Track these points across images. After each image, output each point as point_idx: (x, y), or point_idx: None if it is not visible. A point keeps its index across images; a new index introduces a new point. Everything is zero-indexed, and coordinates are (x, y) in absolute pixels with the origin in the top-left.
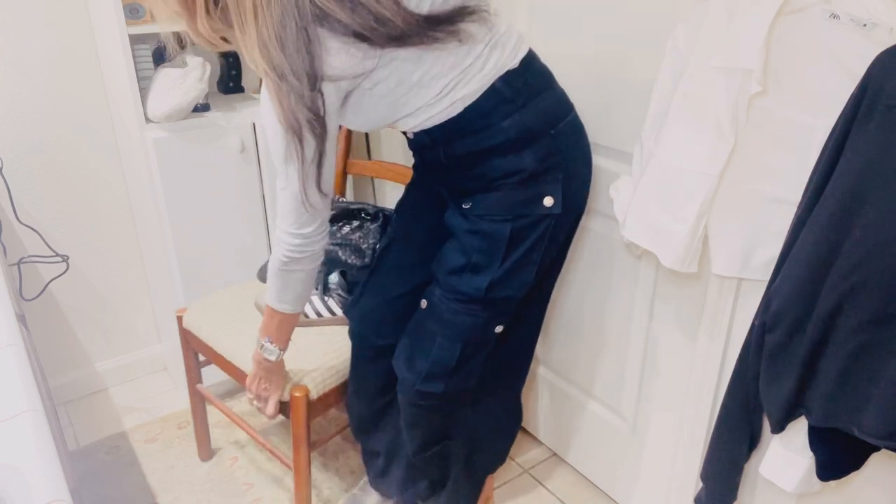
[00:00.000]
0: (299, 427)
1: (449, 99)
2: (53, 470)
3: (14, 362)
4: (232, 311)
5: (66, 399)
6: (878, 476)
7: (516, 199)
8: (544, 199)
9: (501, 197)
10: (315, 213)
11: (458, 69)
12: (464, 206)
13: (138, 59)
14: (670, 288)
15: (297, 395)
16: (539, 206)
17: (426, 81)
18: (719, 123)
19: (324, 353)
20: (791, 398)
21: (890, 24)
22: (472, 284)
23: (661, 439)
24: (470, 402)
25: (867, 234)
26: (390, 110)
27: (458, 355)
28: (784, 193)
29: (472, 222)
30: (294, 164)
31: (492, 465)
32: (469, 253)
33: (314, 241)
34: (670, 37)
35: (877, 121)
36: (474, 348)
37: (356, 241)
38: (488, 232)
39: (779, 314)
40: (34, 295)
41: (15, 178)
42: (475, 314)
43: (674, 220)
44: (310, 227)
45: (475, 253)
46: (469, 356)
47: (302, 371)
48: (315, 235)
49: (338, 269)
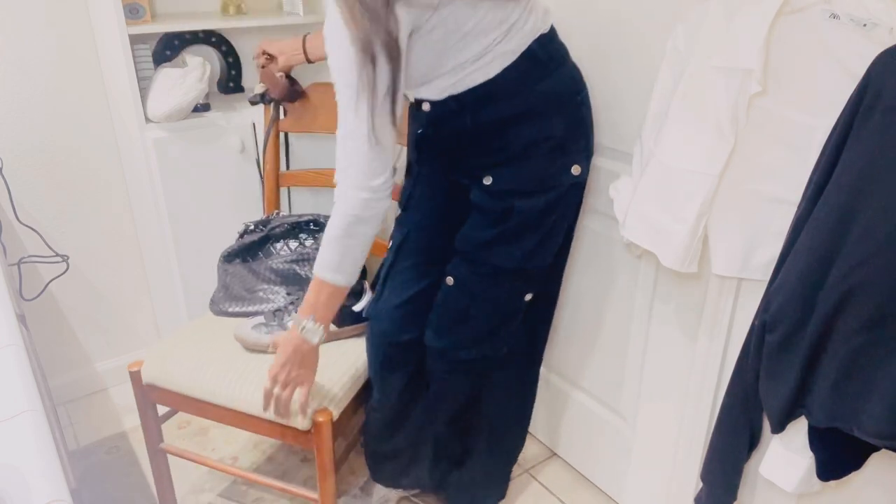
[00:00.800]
0: (326, 455)
1: (491, 56)
2: (53, 470)
3: (14, 362)
4: (202, 349)
5: (66, 399)
6: (878, 476)
7: (547, 169)
8: (572, 167)
9: (532, 168)
10: (384, 158)
11: (504, 25)
12: (485, 183)
13: (138, 59)
14: (670, 288)
15: (320, 420)
16: (568, 175)
17: (475, 34)
18: (719, 123)
19: (331, 372)
20: (791, 398)
21: (890, 24)
22: (505, 256)
23: (661, 439)
24: (497, 369)
25: (867, 234)
26: (437, 61)
27: (491, 325)
28: (784, 193)
29: (503, 200)
30: (365, 97)
31: (513, 445)
32: (498, 225)
33: (381, 196)
34: (670, 37)
35: (877, 121)
36: (506, 317)
37: (313, 253)
38: (523, 209)
39: (779, 314)
40: (34, 295)
41: (15, 178)
42: (507, 284)
43: (674, 220)
44: (379, 178)
45: (510, 227)
46: (501, 325)
47: (318, 394)
48: (382, 190)
49: (298, 285)
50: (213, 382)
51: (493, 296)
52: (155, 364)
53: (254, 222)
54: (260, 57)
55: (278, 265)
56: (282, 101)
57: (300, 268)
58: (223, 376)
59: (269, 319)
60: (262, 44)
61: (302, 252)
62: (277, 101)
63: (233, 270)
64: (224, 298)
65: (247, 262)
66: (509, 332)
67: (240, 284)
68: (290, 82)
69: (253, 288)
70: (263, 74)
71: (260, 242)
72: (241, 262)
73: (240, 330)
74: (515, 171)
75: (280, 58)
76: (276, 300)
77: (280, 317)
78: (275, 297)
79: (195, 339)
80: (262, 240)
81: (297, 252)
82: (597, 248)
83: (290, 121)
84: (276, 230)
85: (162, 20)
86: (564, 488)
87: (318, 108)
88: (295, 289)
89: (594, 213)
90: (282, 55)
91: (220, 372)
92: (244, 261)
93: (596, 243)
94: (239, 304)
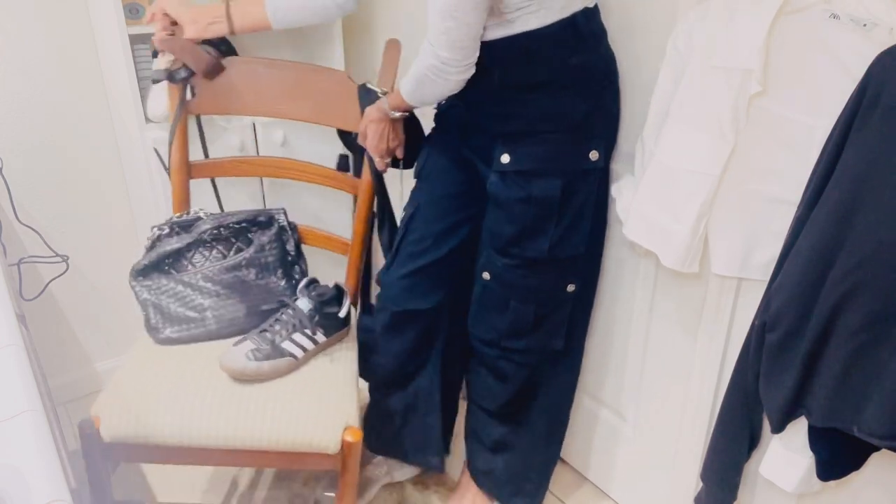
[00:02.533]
0: (352, 474)
1: (536, 5)
2: (53, 470)
3: (14, 362)
4: (175, 385)
5: (66, 399)
6: (878, 476)
7: (564, 150)
8: (590, 153)
9: (549, 149)
10: (464, 40)
11: None
12: (502, 162)
13: (138, 59)
14: (671, 288)
15: (350, 440)
16: (586, 161)
17: None
18: (719, 123)
19: (345, 388)
20: (791, 398)
21: (890, 24)
22: (533, 248)
23: (661, 439)
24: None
25: (867, 234)
26: None
27: (533, 315)
28: (784, 193)
29: (520, 186)
30: None
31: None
32: (520, 220)
33: (451, 71)
34: (670, 37)
35: (877, 121)
36: (549, 307)
37: (262, 259)
38: (539, 197)
39: (779, 314)
40: (34, 295)
41: (15, 178)
42: (543, 274)
43: (674, 219)
44: (448, 52)
45: (529, 219)
46: (546, 315)
47: (340, 412)
48: (452, 65)
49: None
50: (216, 424)
51: (531, 286)
52: (121, 417)
53: (169, 225)
54: (160, 22)
55: (217, 275)
56: (204, 76)
57: (245, 273)
58: (220, 413)
59: (261, 343)
60: (161, 4)
61: (244, 257)
62: (187, 78)
63: (159, 287)
64: (164, 322)
65: (170, 274)
66: (558, 325)
67: (176, 303)
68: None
69: (195, 304)
70: (174, 45)
71: (185, 249)
72: (163, 274)
73: (232, 362)
74: (532, 150)
75: (190, 27)
76: (232, 313)
77: (271, 338)
78: (230, 310)
79: (156, 375)
80: (188, 246)
81: (236, 257)
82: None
83: (204, 101)
84: (205, 235)
85: None
86: (564, 488)
87: (238, 86)
88: (249, 298)
89: None
90: (193, 24)
91: (216, 409)
92: (165, 273)
93: None
94: (187, 327)
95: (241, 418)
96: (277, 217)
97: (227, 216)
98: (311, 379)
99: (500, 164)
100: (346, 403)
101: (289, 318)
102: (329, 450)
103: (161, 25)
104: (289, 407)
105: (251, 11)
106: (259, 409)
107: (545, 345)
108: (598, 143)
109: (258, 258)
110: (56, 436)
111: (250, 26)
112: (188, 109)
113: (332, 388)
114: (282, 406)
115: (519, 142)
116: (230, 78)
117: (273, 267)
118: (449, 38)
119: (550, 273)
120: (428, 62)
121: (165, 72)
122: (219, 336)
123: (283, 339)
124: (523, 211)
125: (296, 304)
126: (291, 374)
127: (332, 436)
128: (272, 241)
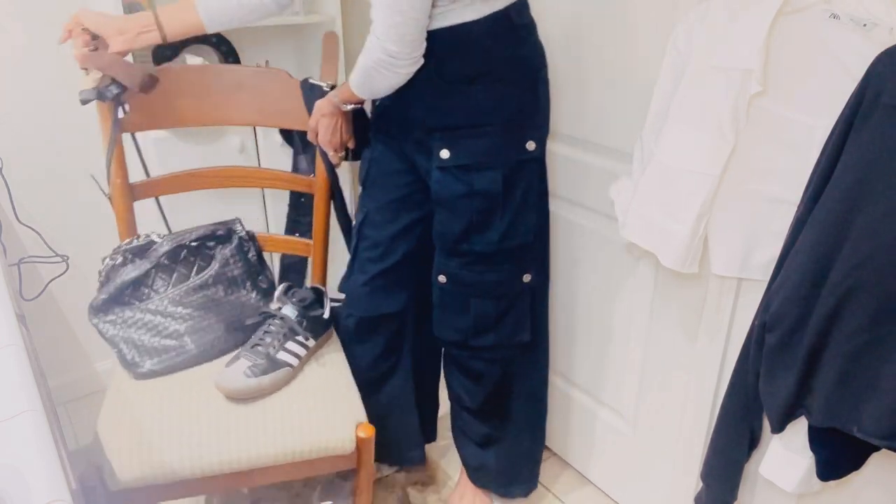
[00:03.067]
0: (367, 471)
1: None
2: (53, 470)
3: (14, 362)
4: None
5: (66, 399)
6: (878, 476)
7: (502, 144)
8: (527, 143)
9: (488, 143)
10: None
11: None
12: (442, 157)
13: (138, 60)
14: (670, 288)
15: (363, 436)
16: (524, 151)
17: None
18: (719, 123)
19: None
20: (791, 398)
21: (890, 24)
22: (482, 241)
23: (661, 439)
24: (521, 356)
25: (867, 234)
26: None
27: (495, 310)
28: (784, 193)
29: (462, 181)
30: None
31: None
32: (466, 215)
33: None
34: (670, 37)
35: (877, 121)
36: (509, 300)
37: (228, 273)
38: (482, 191)
39: (779, 314)
40: (34, 295)
41: (15, 178)
42: (497, 267)
43: (674, 220)
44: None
45: (474, 214)
46: (508, 308)
47: (353, 410)
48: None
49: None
50: (228, 448)
51: (488, 282)
52: (131, 459)
53: (121, 254)
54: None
55: (186, 297)
56: (140, 91)
57: (213, 291)
58: (231, 436)
59: (256, 358)
60: (80, 17)
61: (210, 275)
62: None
63: (125, 320)
64: (141, 356)
65: (133, 304)
66: (521, 317)
67: (148, 333)
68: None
69: (171, 332)
70: (99, 61)
71: (143, 277)
72: (125, 306)
73: (232, 382)
74: (470, 143)
75: (116, 39)
76: (212, 334)
77: (265, 351)
78: (208, 332)
79: (153, 410)
80: (147, 273)
81: (202, 276)
82: (597, 248)
83: (140, 117)
84: (164, 258)
85: None
86: (564, 488)
87: (175, 97)
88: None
89: (594, 212)
90: (120, 35)
91: (225, 434)
92: (128, 304)
93: (596, 243)
94: (168, 356)
95: (253, 437)
96: (235, 228)
97: (185, 234)
98: (310, 385)
99: (440, 159)
100: (351, 401)
101: (278, 329)
102: (345, 450)
103: (81, 41)
104: (297, 416)
105: (182, 17)
106: (269, 425)
107: (512, 338)
108: (533, 133)
109: (224, 273)
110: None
111: (182, 32)
112: (123, 128)
113: (332, 389)
114: (290, 417)
115: (458, 136)
116: (165, 90)
117: (241, 280)
118: (398, 32)
119: (504, 265)
120: (375, 56)
121: (94, 91)
122: (202, 360)
123: (276, 350)
124: (467, 206)
125: (281, 312)
126: (290, 384)
127: (345, 435)
128: (234, 255)
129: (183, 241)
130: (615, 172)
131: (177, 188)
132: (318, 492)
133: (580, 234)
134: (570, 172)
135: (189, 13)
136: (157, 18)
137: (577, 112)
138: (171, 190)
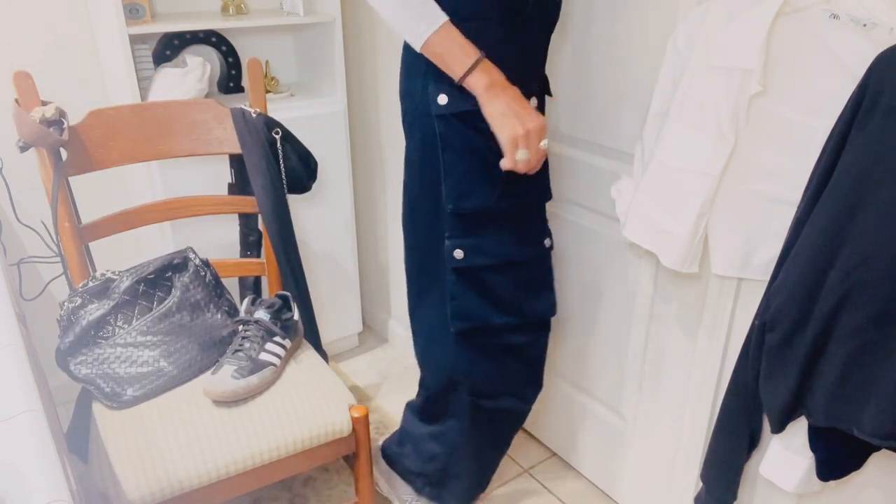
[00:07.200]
0: (366, 450)
1: None
2: (53, 470)
3: (14, 362)
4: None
5: (66, 399)
6: (878, 476)
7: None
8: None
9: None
10: None
11: None
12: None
13: (138, 59)
14: (670, 288)
15: (357, 416)
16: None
17: None
18: (719, 123)
19: (325, 375)
20: (791, 398)
21: (890, 24)
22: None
23: (662, 439)
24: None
25: (867, 234)
26: None
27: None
28: (784, 193)
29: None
30: None
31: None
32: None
33: None
34: (670, 37)
35: (877, 121)
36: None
37: (190, 299)
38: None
39: (779, 314)
40: (34, 295)
41: (15, 178)
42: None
43: (674, 220)
44: None
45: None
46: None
47: (338, 394)
48: None
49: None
50: (231, 449)
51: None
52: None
53: (80, 296)
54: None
55: (153, 326)
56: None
57: (179, 318)
58: (232, 438)
59: (240, 361)
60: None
61: (173, 302)
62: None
63: (97, 357)
64: (121, 386)
65: (100, 342)
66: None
67: (123, 365)
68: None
69: (144, 360)
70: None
71: (107, 315)
72: (94, 346)
73: (221, 386)
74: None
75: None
76: (186, 354)
77: (247, 354)
78: (182, 352)
79: (145, 431)
80: (111, 310)
81: (164, 305)
82: (597, 248)
83: (78, 160)
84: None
85: (162, 20)
86: (564, 488)
87: (110, 138)
88: (195, 336)
89: (595, 213)
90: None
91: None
92: (96, 343)
93: (596, 243)
94: (147, 381)
95: (253, 435)
96: (189, 256)
97: (143, 268)
98: (296, 379)
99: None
100: (339, 388)
101: (255, 332)
102: (343, 432)
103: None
104: (291, 408)
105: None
106: (266, 421)
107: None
108: (442, 86)
109: (186, 299)
110: (56, 436)
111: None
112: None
113: (318, 380)
114: (284, 410)
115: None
116: (100, 132)
117: (203, 303)
118: None
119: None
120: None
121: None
122: (184, 379)
123: (258, 352)
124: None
125: (255, 317)
126: (276, 382)
127: (341, 417)
128: (193, 281)
129: (142, 275)
130: (616, 172)
131: (126, 226)
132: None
133: (580, 233)
134: (570, 172)
135: None
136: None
137: (578, 112)
138: (121, 228)
